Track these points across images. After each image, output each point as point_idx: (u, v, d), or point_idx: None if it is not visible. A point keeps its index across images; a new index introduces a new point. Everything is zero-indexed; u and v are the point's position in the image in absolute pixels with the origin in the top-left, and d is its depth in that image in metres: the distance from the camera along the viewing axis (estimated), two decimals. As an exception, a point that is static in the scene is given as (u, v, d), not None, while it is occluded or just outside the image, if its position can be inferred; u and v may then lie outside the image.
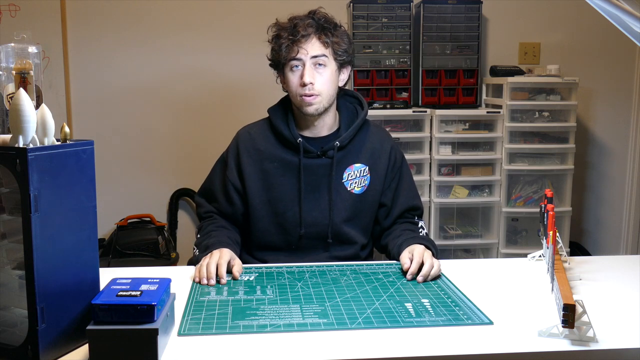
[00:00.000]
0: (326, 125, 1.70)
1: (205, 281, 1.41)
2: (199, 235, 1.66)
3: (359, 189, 1.69)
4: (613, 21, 1.10)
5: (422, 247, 1.53)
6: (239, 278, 1.45)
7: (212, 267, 1.43)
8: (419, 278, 1.42)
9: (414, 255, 1.48)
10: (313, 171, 1.67)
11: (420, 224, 1.74)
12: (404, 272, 1.47)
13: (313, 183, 1.67)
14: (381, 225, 1.75)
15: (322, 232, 1.68)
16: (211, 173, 1.78)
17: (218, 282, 1.42)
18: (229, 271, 1.46)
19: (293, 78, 1.62)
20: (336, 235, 1.68)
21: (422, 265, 1.45)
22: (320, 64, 1.61)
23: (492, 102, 3.04)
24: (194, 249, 1.63)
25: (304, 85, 1.59)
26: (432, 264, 1.45)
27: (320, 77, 1.61)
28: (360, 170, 1.69)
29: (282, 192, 1.67)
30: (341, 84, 1.70)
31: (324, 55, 1.61)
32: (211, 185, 1.75)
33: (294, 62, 1.61)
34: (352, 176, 1.69)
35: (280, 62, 1.64)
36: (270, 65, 1.69)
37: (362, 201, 1.70)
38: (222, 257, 1.47)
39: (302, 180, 1.66)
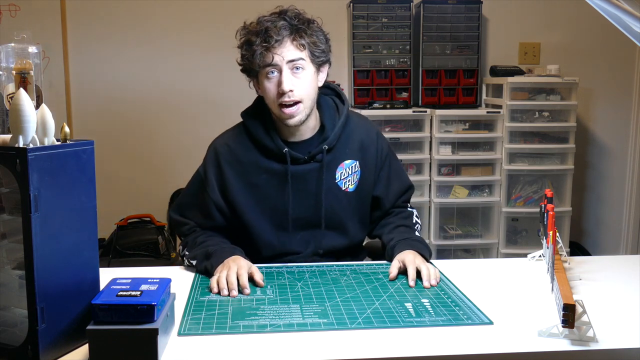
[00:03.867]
0: (309, 128, 1.61)
1: (226, 292, 1.32)
2: (186, 252, 1.57)
3: (353, 186, 1.65)
4: (613, 21, 1.10)
5: (412, 254, 1.49)
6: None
7: (233, 277, 1.35)
8: (426, 284, 1.40)
9: (406, 263, 1.46)
10: (303, 177, 1.60)
11: (415, 214, 1.72)
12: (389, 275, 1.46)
13: (305, 189, 1.61)
14: (381, 211, 1.72)
15: (324, 235, 1.65)
16: (188, 189, 1.67)
17: (240, 292, 1.35)
18: (250, 280, 1.39)
19: (270, 86, 1.51)
20: (339, 238, 1.66)
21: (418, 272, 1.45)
22: (297, 68, 1.50)
23: (492, 102, 3.04)
24: (184, 258, 1.57)
25: (282, 93, 1.49)
26: (428, 269, 1.43)
27: (299, 81, 1.50)
28: (352, 167, 1.64)
29: (276, 203, 1.60)
30: (320, 84, 1.60)
31: (301, 58, 1.50)
32: (189, 200, 1.65)
33: (269, 69, 1.50)
34: (344, 175, 1.64)
35: (253, 69, 1.53)
36: (242, 71, 1.59)
37: (357, 198, 1.67)
38: (240, 267, 1.38)
39: (290, 188, 1.59)
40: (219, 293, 1.34)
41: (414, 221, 1.71)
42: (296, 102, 1.51)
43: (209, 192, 1.60)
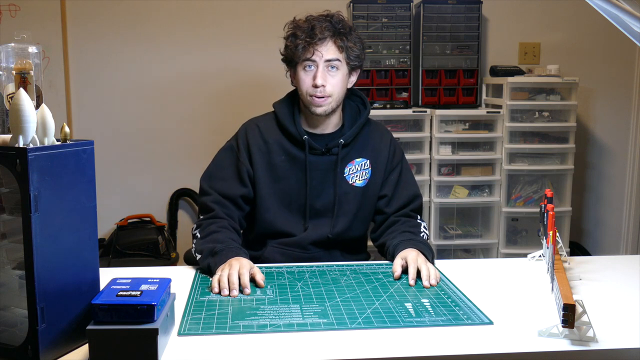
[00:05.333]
0: (331, 124, 1.74)
1: (226, 292, 1.34)
2: (198, 234, 1.61)
3: (361, 181, 1.74)
4: (613, 21, 1.10)
5: (415, 252, 1.51)
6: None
7: (235, 277, 1.36)
8: (425, 283, 1.41)
9: (407, 261, 1.47)
10: (318, 167, 1.72)
11: (423, 225, 1.74)
12: (394, 276, 1.47)
13: (318, 178, 1.72)
14: (384, 213, 1.76)
15: (325, 225, 1.72)
16: (217, 159, 1.75)
17: (241, 292, 1.36)
18: (251, 280, 1.41)
19: (305, 78, 1.66)
20: (338, 230, 1.72)
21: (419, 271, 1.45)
22: (333, 67, 1.65)
23: (492, 102, 3.04)
24: (193, 248, 1.61)
25: (315, 86, 1.63)
26: (429, 269, 1.44)
27: (332, 79, 1.65)
28: (362, 164, 1.74)
29: (289, 184, 1.71)
30: (349, 86, 1.74)
31: (338, 59, 1.65)
32: (219, 172, 1.72)
33: (308, 63, 1.65)
34: (352, 170, 1.73)
35: (293, 60, 1.67)
36: (283, 60, 1.73)
37: (364, 194, 1.75)
38: (242, 266, 1.41)
39: (308, 176, 1.70)
40: (219, 293, 1.35)
41: (421, 230, 1.72)
42: (325, 96, 1.65)
43: (242, 160, 1.71)
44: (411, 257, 1.48)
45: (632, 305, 1.28)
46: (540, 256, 1.62)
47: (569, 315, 1.04)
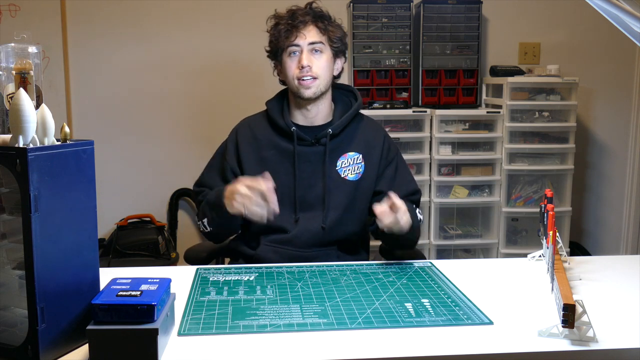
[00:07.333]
0: (320, 114, 1.76)
1: (245, 208, 1.48)
2: (202, 218, 1.71)
3: (353, 175, 1.74)
4: (613, 21, 1.10)
5: (405, 205, 1.54)
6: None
7: (243, 189, 1.48)
8: (378, 209, 1.49)
9: (395, 203, 1.51)
10: (307, 158, 1.73)
11: (418, 210, 1.75)
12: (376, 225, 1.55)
13: (308, 170, 1.73)
14: None
15: (316, 218, 1.71)
16: (209, 163, 1.84)
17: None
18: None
19: (291, 63, 1.69)
20: (330, 222, 1.71)
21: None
22: (317, 50, 1.69)
23: (492, 102, 3.04)
24: (205, 230, 1.70)
25: (302, 68, 1.67)
26: (404, 212, 1.50)
27: (317, 61, 1.69)
28: (354, 158, 1.75)
29: (279, 177, 1.71)
30: (336, 73, 1.77)
31: (321, 42, 1.70)
32: (208, 172, 1.82)
33: (293, 48, 1.69)
34: (345, 164, 1.74)
35: (279, 48, 1.71)
36: (268, 56, 1.77)
37: (357, 188, 1.74)
38: (237, 182, 1.53)
39: (296, 167, 1.71)
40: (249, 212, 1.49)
41: (416, 213, 1.72)
42: (313, 77, 1.68)
43: (228, 159, 1.77)
44: (403, 208, 1.52)
45: (632, 305, 1.28)
46: (540, 256, 1.62)
47: (569, 315, 1.04)
